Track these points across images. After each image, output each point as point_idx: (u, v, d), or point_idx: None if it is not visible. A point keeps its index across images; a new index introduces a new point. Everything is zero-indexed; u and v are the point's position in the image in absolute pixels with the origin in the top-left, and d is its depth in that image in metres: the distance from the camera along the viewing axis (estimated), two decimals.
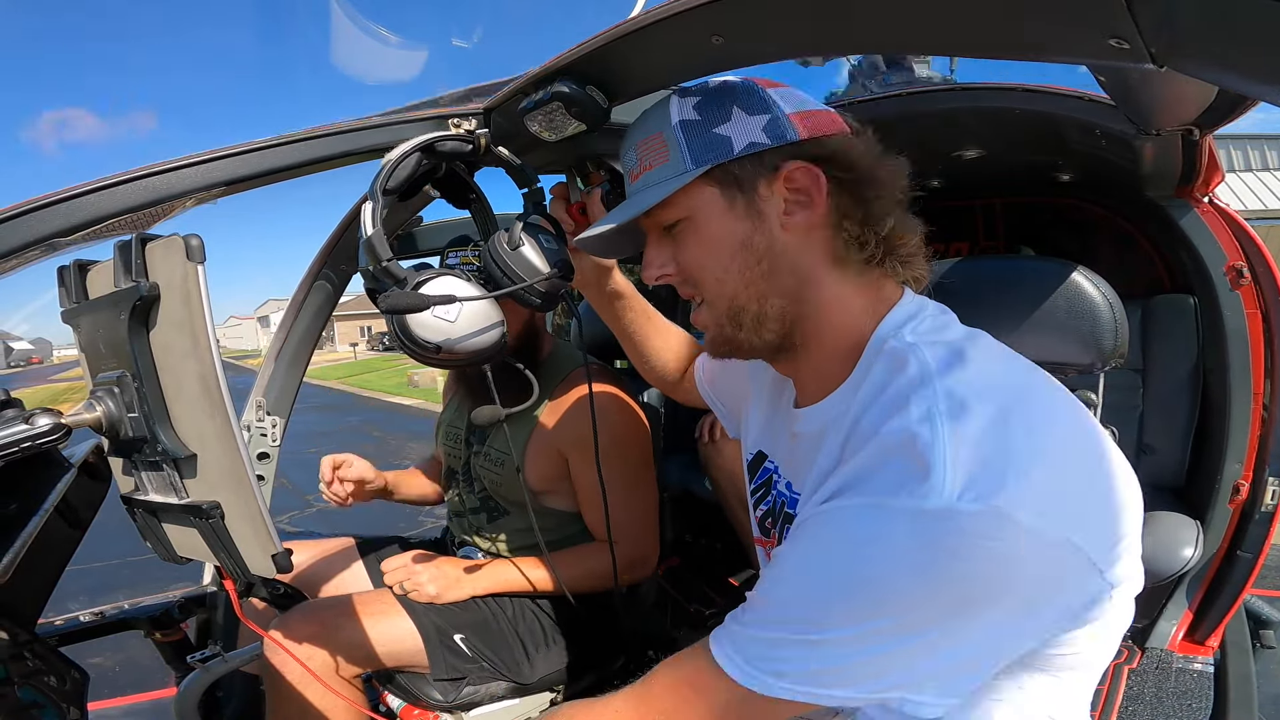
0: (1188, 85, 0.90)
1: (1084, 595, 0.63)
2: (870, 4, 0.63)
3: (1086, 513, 0.62)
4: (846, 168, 0.74)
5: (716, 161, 0.74)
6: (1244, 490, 1.59)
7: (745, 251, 0.75)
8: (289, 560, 0.80)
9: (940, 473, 0.59)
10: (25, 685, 1.00)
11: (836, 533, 0.65)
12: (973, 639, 0.61)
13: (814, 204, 0.73)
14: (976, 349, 0.70)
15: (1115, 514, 0.64)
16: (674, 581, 2.44)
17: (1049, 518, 0.59)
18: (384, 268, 0.95)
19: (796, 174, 0.73)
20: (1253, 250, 1.54)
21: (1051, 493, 0.60)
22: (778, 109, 0.75)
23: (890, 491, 0.61)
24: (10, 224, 0.78)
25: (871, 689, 0.64)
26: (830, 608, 0.63)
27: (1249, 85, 0.43)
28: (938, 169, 2.01)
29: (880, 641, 0.61)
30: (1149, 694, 1.51)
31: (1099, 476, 0.65)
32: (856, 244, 0.74)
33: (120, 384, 0.82)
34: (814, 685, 0.64)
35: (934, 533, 0.58)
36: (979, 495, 0.58)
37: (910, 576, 0.60)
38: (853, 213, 0.74)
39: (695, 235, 0.78)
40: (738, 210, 0.75)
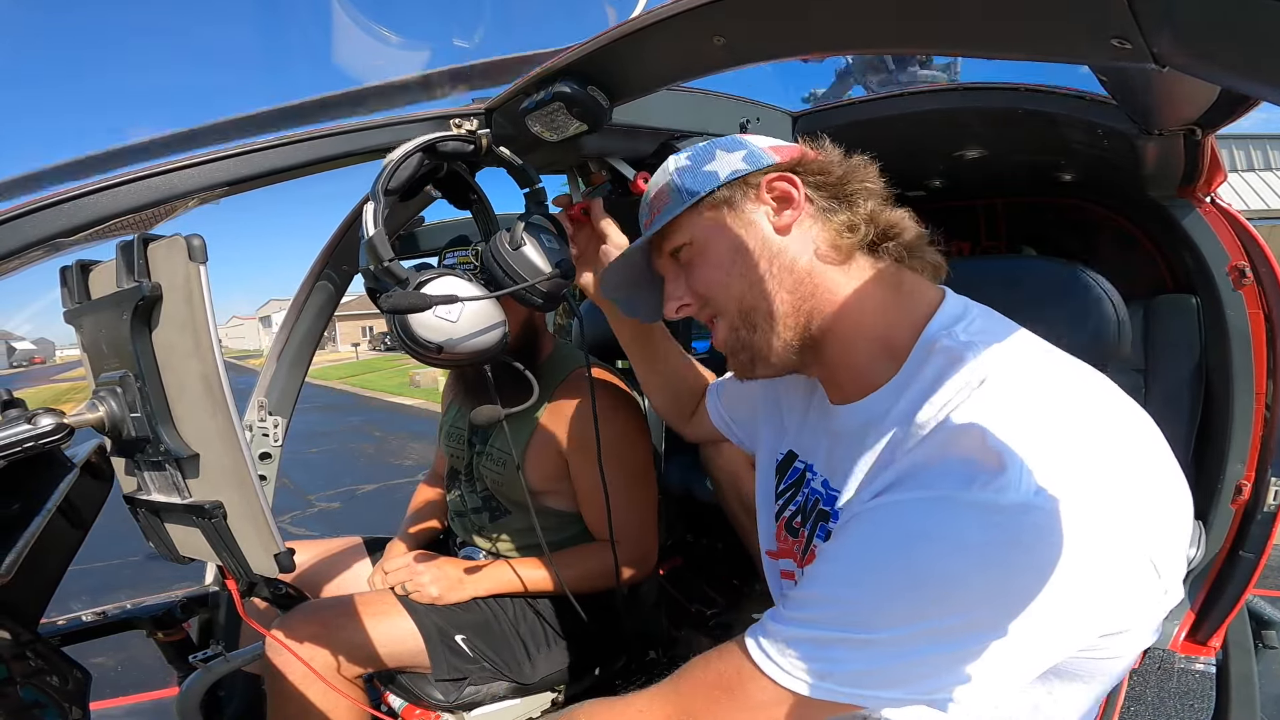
0: (1190, 85, 0.90)
1: (1141, 597, 0.63)
2: (872, 4, 0.63)
3: (1152, 516, 0.62)
4: (816, 170, 0.83)
5: (707, 190, 0.83)
6: (1246, 490, 1.59)
7: (744, 255, 0.81)
8: (291, 560, 0.80)
9: (1015, 469, 0.58)
10: (27, 685, 1.00)
11: (897, 528, 0.64)
12: (1033, 639, 0.60)
13: (795, 202, 0.81)
14: (1031, 347, 0.72)
15: (1175, 520, 0.65)
16: (675, 582, 2.44)
17: (1121, 518, 0.59)
18: (386, 268, 0.95)
19: (774, 183, 0.82)
20: (1255, 250, 1.54)
21: (1121, 493, 0.60)
22: (753, 145, 0.86)
23: (960, 485, 0.60)
24: (13, 224, 0.78)
25: (921, 690, 0.62)
26: (887, 606, 0.62)
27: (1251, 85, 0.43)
28: (939, 169, 2.01)
29: (938, 641, 0.60)
30: (1150, 694, 1.51)
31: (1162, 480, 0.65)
32: (846, 229, 0.79)
33: (123, 384, 0.82)
34: (861, 687, 0.62)
35: (1009, 527, 0.58)
36: (1054, 493, 0.57)
37: (982, 573, 0.59)
38: (832, 203, 0.81)
39: (699, 256, 0.85)
40: (730, 224, 0.82)
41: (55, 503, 1.03)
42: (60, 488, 1.06)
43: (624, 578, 1.42)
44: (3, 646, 1.02)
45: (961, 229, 2.37)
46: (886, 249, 0.80)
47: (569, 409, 1.43)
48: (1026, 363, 0.69)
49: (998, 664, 0.60)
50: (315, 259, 1.72)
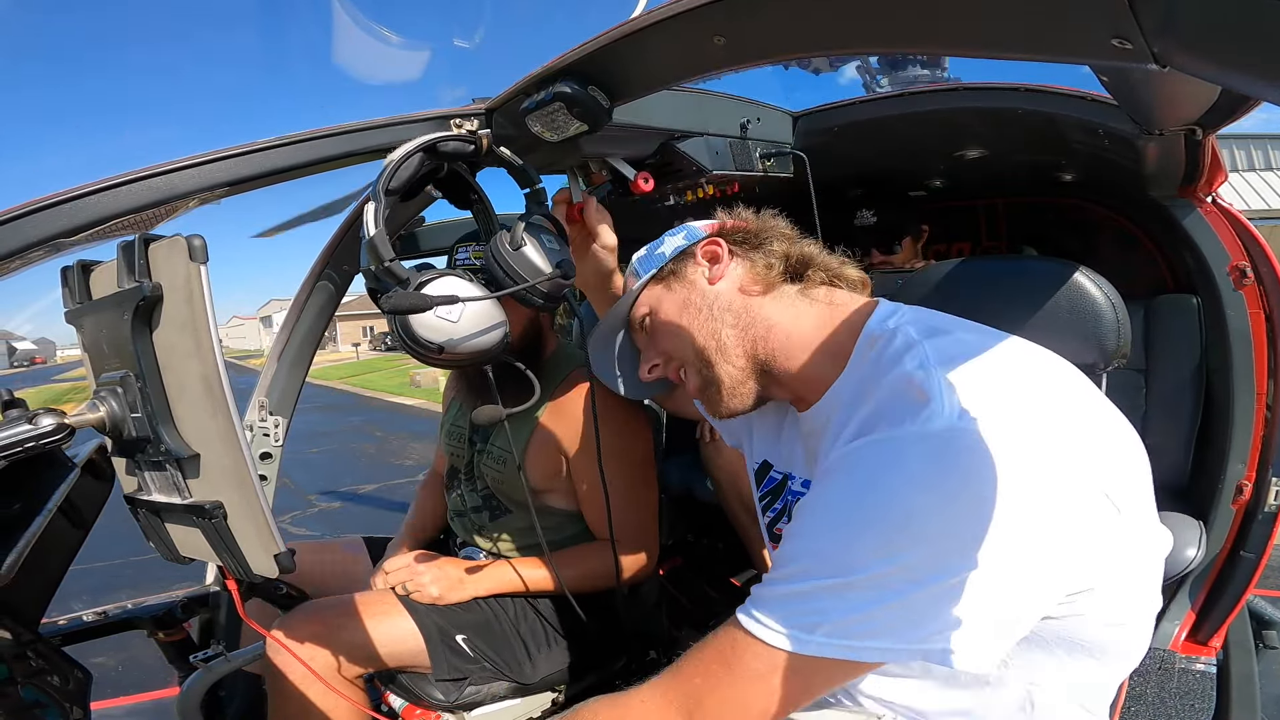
0: (1190, 85, 0.90)
1: (1091, 516, 0.66)
2: (872, 4, 0.63)
3: (1092, 446, 0.68)
4: (734, 230, 1.01)
5: (658, 266, 1.02)
6: (1247, 490, 1.59)
7: (690, 308, 0.96)
8: (291, 560, 0.80)
9: (939, 400, 0.67)
10: (28, 685, 1.00)
11: (850, 472, 0.71)
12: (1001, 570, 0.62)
13: (722, 258, 0.97)
14: (953, 322, 0.84)
15: (1122, 454, 0.71)
16: (676, 581, 2.44)
17: (1041, 435, 0.65)
18: (386, 268, 0.95)
19: (705, 247, 0.99)
20: (1256, 250, 1.54)
21: (1041, 415, 0.67)
22: (693, 227, 1.04)
23: (896, 423, 0.69)
24: (14, 224, 0.78)
25: (911, 639, 0.64)
26: (856, 544, 0.66)
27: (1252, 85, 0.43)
28: (940, 169, 2.02)
29: (911, 578, 0.63)
30: (1151, 694, 1.51)
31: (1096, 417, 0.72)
32: (764, 267, 0.95)
33: (123, 384, 0.82)
34: (850, 638, 0.64)
35: (944, 453, 0.65)
36: (975, 413, 0.66)
37: (926, 494, 0.64)
38: (751, 251, 0.98)
39: (658, 321, 1.01)
40: (676, 289, 0.99)
41: (56, 503, 1.03)
42: (61, 488, 1.07)
43: (624, 577, 1.42)
44: (4, 646, 1.02)
45: (962, 229, 2.38)
46: (809, 276, 0.94)
47: (569, 408, 1.43)
48: (945, 331, 0.80)
49: (975, 602, 0.62)
50: (316, 259, 1.72)
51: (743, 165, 1.47)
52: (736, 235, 0.99)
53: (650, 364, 1.03)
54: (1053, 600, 0.68)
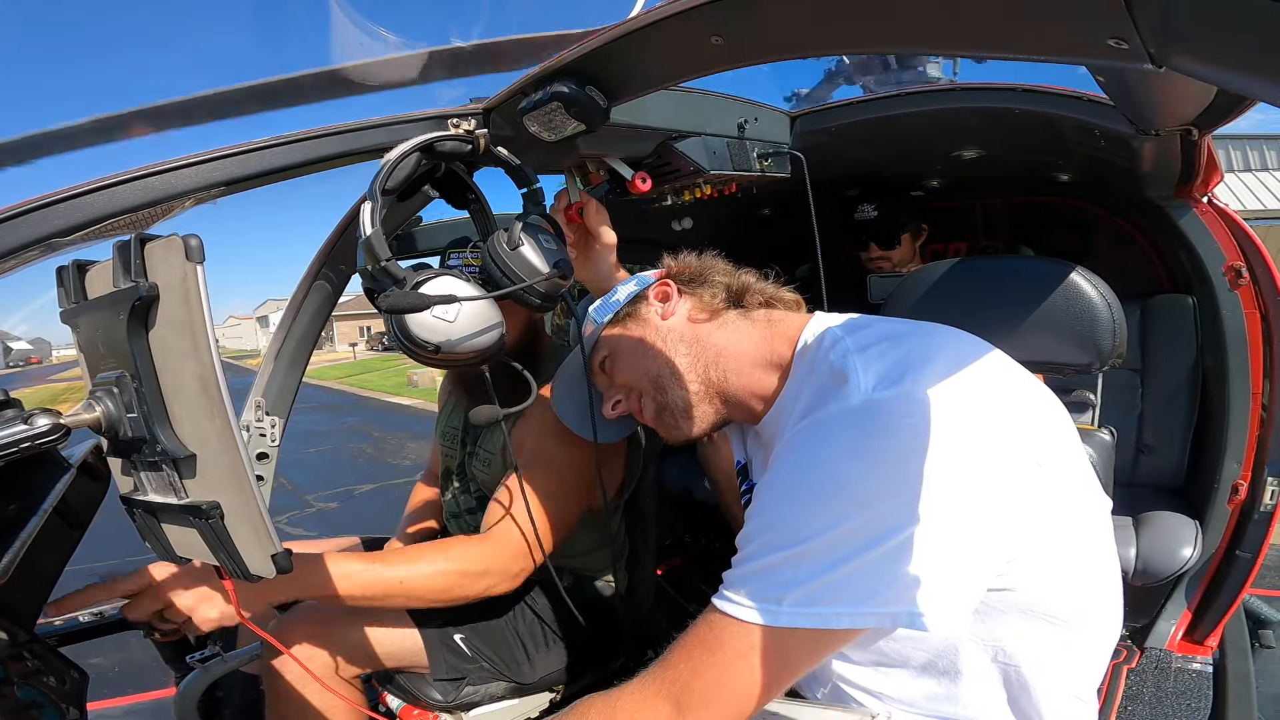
0: (1186, 85, 0.91)
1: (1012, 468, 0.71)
2: (869, 4, 0.63)
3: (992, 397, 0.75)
4: (680, 270, 1.10)
5: (614, 312, 1.10)
6: (1243, 490, 1.60)
7: (645, 343, 1.03)
8: (289, 560, 0.80)
9: (855, 378, 0.76)
10: (24, 685, 0.99)
11: (790, 455, 0.78)
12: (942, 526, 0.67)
13: (671, 296, 1.06)
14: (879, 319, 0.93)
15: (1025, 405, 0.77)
16: (673, 581, 2.44)
17: (950, 398, 0.71)
18: (383, 268, 0.95)
19: (656, 289, 1.08)
20: (1251, 250, 1.54)
21: (950, 382, 0.73)
22: (643, 275, 1.13)
23: (822, 404, 0.78)
24: (9, 224, 0.78)
25: (872, 603, 0.67)
26: (801, 514, 0.72)
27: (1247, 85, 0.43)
28: (937, 169, 2.02)
29: (856, 543, 0.68)
30: (1148, 694, 1.51)
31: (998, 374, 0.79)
32: (710, 298, 1.04)
33: (119, 384, 0.82)
34: (815, 604, 0.67)
35: (862, 420, 0.73)
36: (889, 384, 0.74)
37: (854, 460, 0.71)
38: (696, 287, 1.06)
39: (615, 359, 1.08)
40: (632, 328, 1.06)
41: (52, 503, 1.02)
42: (57, 488, 1.06)
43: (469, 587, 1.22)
44: (0, 647, 1.02)
45: (959, 229, 2.38)
46: (748, 300, 1.04)
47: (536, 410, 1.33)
48: (864, 323, 0.89)
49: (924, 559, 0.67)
50: (313, 259, 1.71)
51: (740, 165, 1.47)
52: (683, 275, 1.09)
53: (612, 401, 1.09)
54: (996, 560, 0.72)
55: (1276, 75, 0.40)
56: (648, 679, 0.75)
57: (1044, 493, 0.74)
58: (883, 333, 0.84)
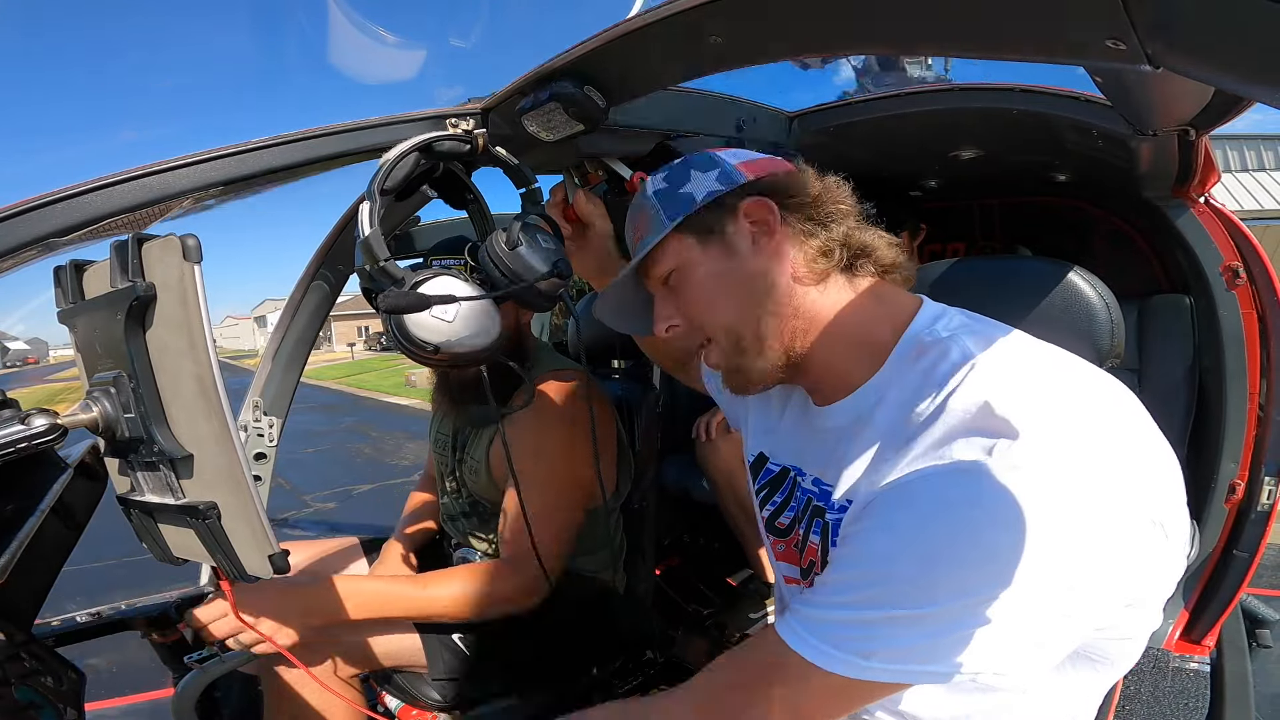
0: (1184, 85, 0.91)
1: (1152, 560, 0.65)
2: (867, 3, 0.63)
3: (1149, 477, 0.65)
4: (791, 194, 0.85)
5: (685, 213, 0.86)
6: (1240, 490, 1.60)
7: (727, 282, 0.85)
8: (286, 561, 0.80)
9: (1028, 436, 0.62)
10: (22, 686, 0.99)
11: (927, 500, 0.66)
12: (1061, 605, 0.62)
13: (772, 229, 0.84)
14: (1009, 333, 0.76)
15: (1171, 481, 0.68)
16: (672, 581, 2.44)
17: (1124, 480, 0.63)
18: (381, 268, 0.95)
19: (752, 208, 0.84)
20: (1248, 250, 1.54)
21: (1120, 456, 0.64)
22: (726, 163, 0.88)
23: (982, 454, 0.64)
24: (7, 224, 0.78)
25: (966, 664, 0.63)
26: (929, 578, 0.63)
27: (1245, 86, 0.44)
28: (935, 169, 2.02)
29: (979, 611, 0.61)
30: (1145, 694, 1.52)
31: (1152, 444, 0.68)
32: (821, 254, 0.83)
33: (116, 384, 0.82)
34: (905, 663, 0.63)
35: (1032, 491, 0.61)
36: (1065, 456, 0.62)
37: (1012, 535, 0.61)
38: (808, 227, 0.84)
39: (686, 282, 0.87)
40: (714, 251, 0.85)
41: (49, 503, 1.02)
42: (54, 488, 1.06)
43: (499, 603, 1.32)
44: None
45: (957, 229, 2.38)
46: (861, 266, 0.85)
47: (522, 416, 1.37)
48: (1010, 346, 0.74)
49: (1031, 632, 0.62)
50: (311, 259, 1.71)
51: None
52: (794, 199, 0.85)
53: (669, 322, 0.91)
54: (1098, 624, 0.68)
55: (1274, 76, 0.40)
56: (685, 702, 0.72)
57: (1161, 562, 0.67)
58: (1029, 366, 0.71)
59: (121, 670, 2.91)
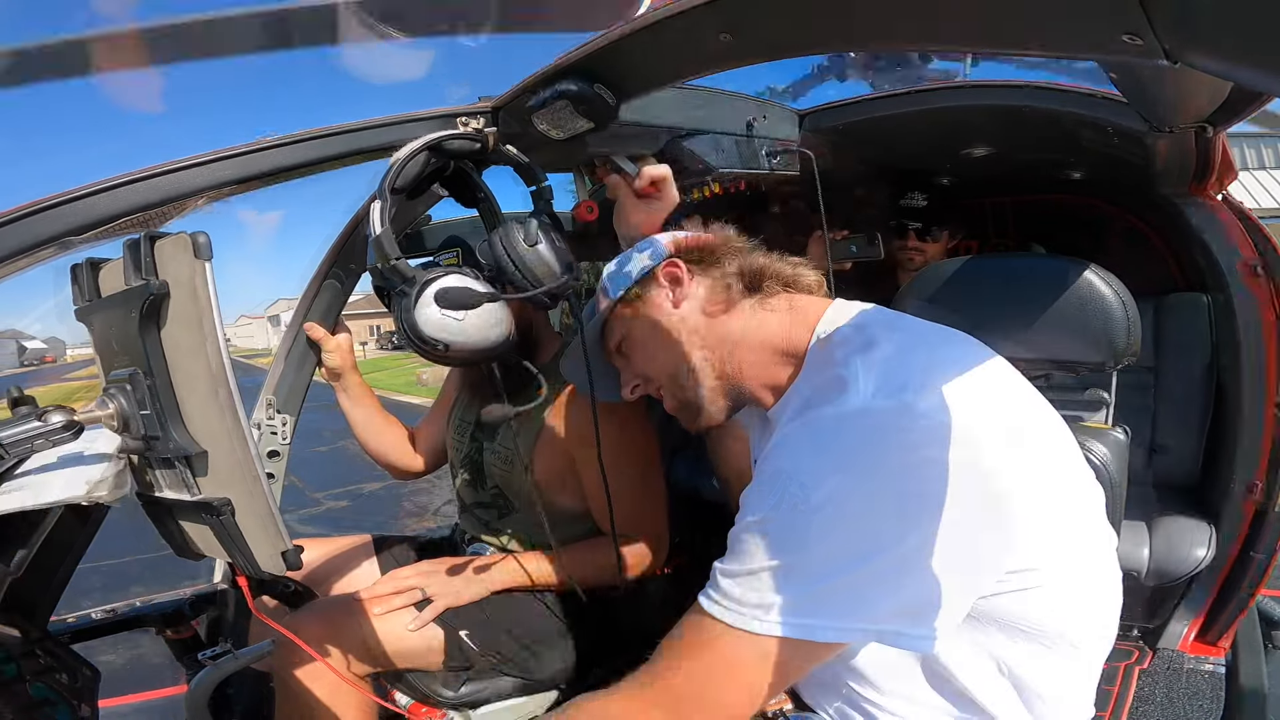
0: (1201, 81, 0.90)
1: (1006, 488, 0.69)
2: (879, 1, 0.63)
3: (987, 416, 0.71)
4: (690, 250, 1.00)
5: (625, 288, 1.01)
6: (1257, 490, 1.58)
7: (660, 334, 0.98)
8: (298, 558, 0.80)
9: (855, 384, 0.73)
10: (37, 682, 1.00)
11: (779, 458, 0.75)
12: (936, 544, 0.65)
13: (683, 280, 0.98)
14: (883, 317, 0.89)
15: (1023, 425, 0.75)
16: (680, 580, 2.44)
17: (951, 413, 0.69)
18: (393, 266, 0.96)
19: (665, 269, 0.99)
20: (1267, 248, 1.52)
21: (952, 395, 0.70)
22: (658, 243, 1.03)
23: (816, 406, 0.75)
24: (23, 222, 0.79)
25: (861, 618, 0.67)
26: (786, 525, 0.70)
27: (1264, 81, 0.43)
28: (947, 167, 2.01)
29: (843, 558, 0.67)
30: (1160, 695, 1.50)
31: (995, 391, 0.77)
32: (725, 287, 0.96)
33: (132, 381, 0.82)
34: (799, 616, 0.67)
35: (855, 427, 0.71)
36: (888, 394, 0.71)
37: (847, 473, 0.68)
38: (708, 271, 0.98)
39: (631, 346, 1.03)
40: (645, 314, 0.99)
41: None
42: None
43: (635, 571, 1.43)
44: (13, 644, 1.03)
45: (970, 227, 2.36)
46: (766, 286, 0.95)
47: (575, 405, 1.42)
48: (871, 324, 0.84)
49: (914, 580, 0.66)
50: (323, 258, 1.72)
51: (749, 163, 1.46)
52: (692, 254, 1.00)
53: (630, 385, 1.05)
54: (985, 578, 0.71)
55: None
56: (637, 685, 0.75)
57: (1040, 512, 0.72)
58: (893, 336, 0.80)
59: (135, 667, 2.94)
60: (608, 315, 1.04)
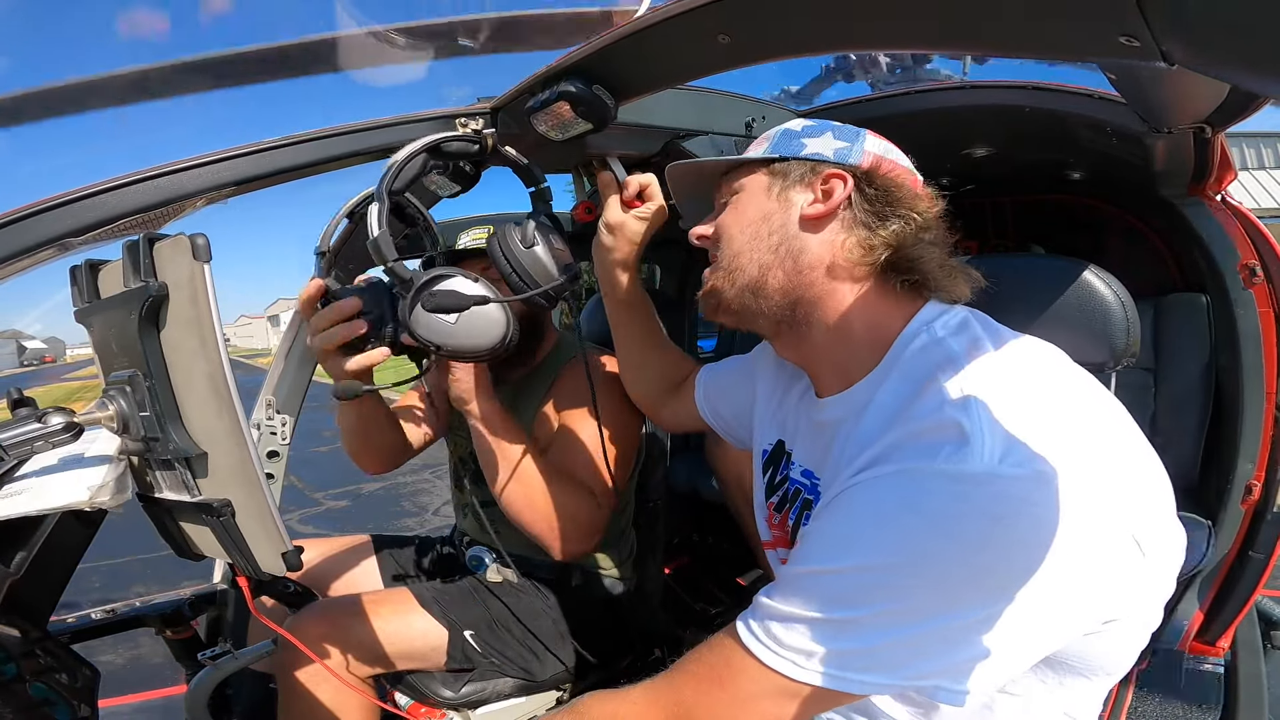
0: (1199, 83, 0.90)
1: (1126, 575, 0.63)
2: (877, 2, 0.63)
3: (1127, 489, 0.63)
4: (876, 184, 0.81)
5: (782, 155, 0.85)
6: (1256, 490, 1.58)
7: (763, 224, 0.84)
8: (298, 558, 0.80)
9: (979, 440, 0.61)
10: (37, 682, 1.00)
11: (869, 504, 0.66)
12: (1015, 618, 0.59)
13: (835, 203, 0.81)
14: (1004, 335, 0.76)
15: (1154, 497, 0.66)
16: (681, 580, 2.44)
17: (1089, 486, 0.60)
18: (390, 269, 0.96)
19: (830, 179, 0.82)
20: (1266, 248, 1.52)
21: (1089, 463, 0.61)
22: (862, 143, 0.86)
23: (926, 457, 0.63)
24: (23, 224, 0.79)
25: (907, 675, 0.62)
26: (863, 582, 0.63)
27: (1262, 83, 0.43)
28: (947, 167, 2.00)
29: (917, 619, 0.60)
30: (1159, 695, 1.50)
31: (1134, 456, 0.67)
32: (860, 248, 0.80)
33: (132, 383, 0.83)
34: (844, 669, 0.62)
35: (975, 496, 0.60)
36: (1019, 461, 0.59)
37: (952, 543, 0.60)
38: (867, 221, 0.81)
39: (736, 206, 0.88)
40: (773, 194, 0.85)
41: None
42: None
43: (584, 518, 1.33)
44: (13, 644, 1.03)
45: (969, 227, 2.36)
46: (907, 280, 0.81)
47: (570, 387, 1.43)
48: (997, 347, 0.72)
49: (980, 649, 0.60)
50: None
51: None
52: (874, 186, 0.82)
53: (702, 230, 0.92)
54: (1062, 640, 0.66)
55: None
56: (652, 690, 0.72)
57: (1137, 579, 0.65)
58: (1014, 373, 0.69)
59: (135, 667, 2.94)
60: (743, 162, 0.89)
